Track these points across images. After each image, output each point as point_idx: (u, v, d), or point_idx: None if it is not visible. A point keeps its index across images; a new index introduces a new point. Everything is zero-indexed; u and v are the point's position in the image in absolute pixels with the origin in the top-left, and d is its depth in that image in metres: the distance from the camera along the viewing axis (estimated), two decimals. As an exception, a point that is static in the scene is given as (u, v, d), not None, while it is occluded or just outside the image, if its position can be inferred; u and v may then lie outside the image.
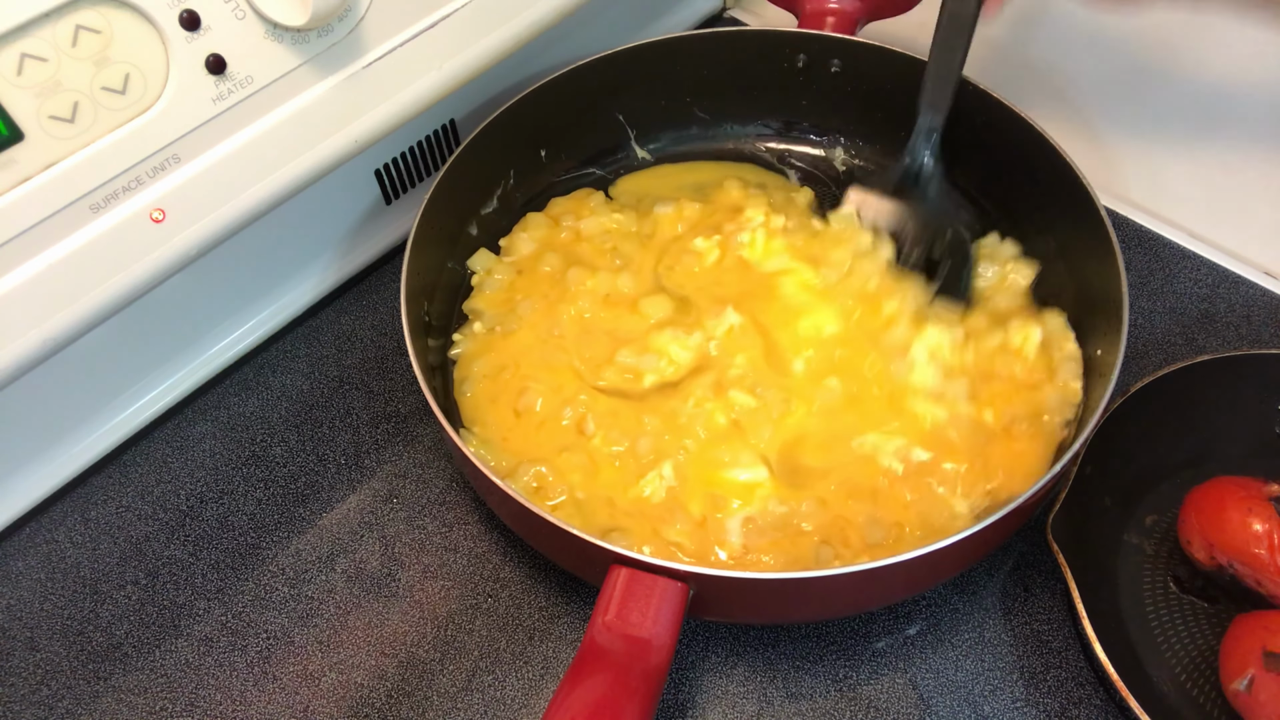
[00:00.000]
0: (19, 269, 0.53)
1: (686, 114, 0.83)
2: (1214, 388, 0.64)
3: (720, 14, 1.01)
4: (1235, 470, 0.61)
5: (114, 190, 0.54)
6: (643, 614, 0.51)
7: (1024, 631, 0.62)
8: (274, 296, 0.78)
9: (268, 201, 0.61)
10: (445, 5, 0.64)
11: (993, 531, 0.53)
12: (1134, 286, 0.74)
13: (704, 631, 0.63)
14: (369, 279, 0.82)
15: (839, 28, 0.79)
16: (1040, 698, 0.59)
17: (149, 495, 0.71)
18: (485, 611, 0.64)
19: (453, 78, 0.67)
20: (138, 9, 0.51)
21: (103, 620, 0.65)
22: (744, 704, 0.60)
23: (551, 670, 0.62)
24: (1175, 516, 0.62)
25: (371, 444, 0.72)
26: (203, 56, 0.54)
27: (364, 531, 0.68)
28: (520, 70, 0.78)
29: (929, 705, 0.59)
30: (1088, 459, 0.60)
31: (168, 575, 0.67)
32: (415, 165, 0.80)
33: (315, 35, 0.58)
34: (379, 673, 0.62)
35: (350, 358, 0.77)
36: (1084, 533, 0.61)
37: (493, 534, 0.68)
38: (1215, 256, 0.79)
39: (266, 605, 0.65)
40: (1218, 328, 0.74)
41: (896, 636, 0.62)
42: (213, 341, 0.75)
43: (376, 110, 0.64)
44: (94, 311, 0.56)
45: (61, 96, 0.50)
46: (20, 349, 0.55)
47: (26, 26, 0.48)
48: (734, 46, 0.80)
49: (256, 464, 0.72)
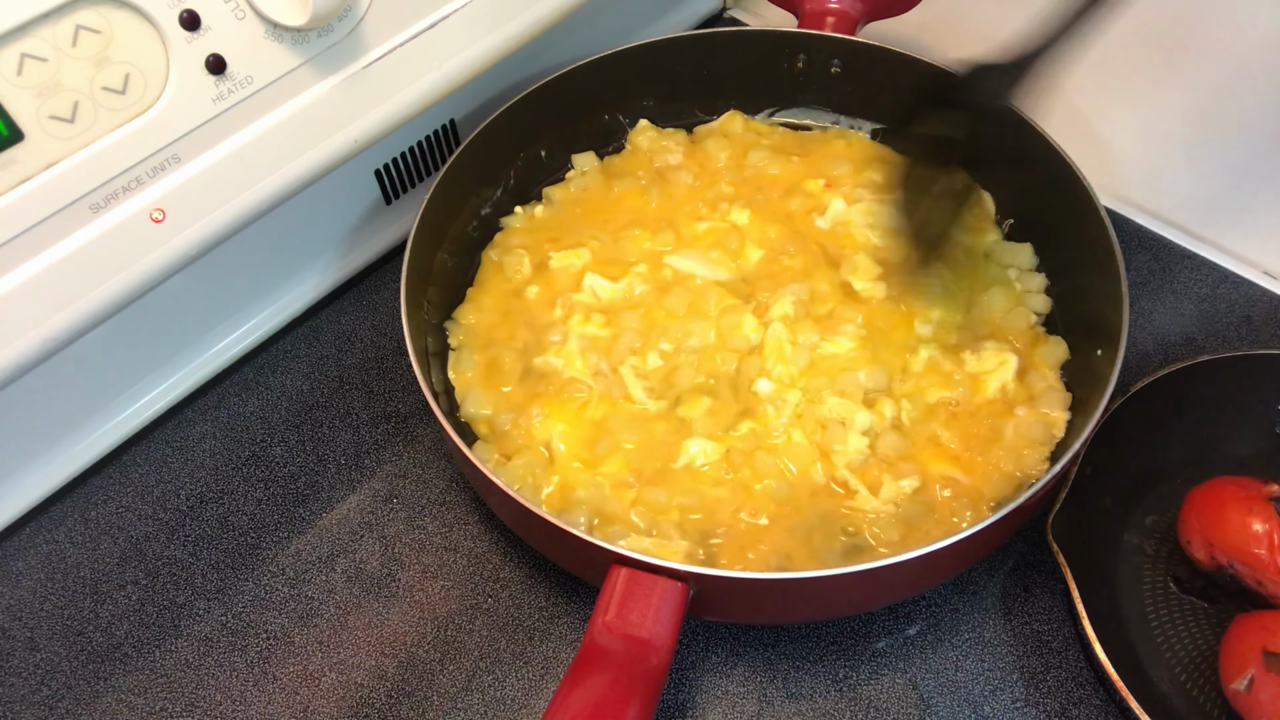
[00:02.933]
0: (19, 269, 0.53)
1: (687, 114, 0.83)
2: (1214, 388, 0.64)
3: (720, 14, 1.01)
4: (1235, 470, 0.61)
5: (114, 190, 0.54)
6: (643, 614, 0.51)
7: (1024, 631, 0.62)
8: (274, 296, 0.78)
9: (268, 201, 0.61)
10: (445, 5, 0.64)
11: (993, 531, 0.53)
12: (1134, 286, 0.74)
13: (704, 631, 0.63)
14: (369, 279, 0.82)
15: (839, 28, 0.79)
16: (1040, 698, 0.59)
17: (149, 495, 0.71)
18: (485, 611, 0.64)
19: (453, 78, 0.67)
20: (138, 9, 0.51)
21: (103, 620, 0.65)
22: (744, 704, 0.60)
23: (551, 670, 0.62)
24: (1175, 516, 0.62)
25: (371, 444, 0.72)
26: (203, 56, 0.54)
27: (364, 531, 0.68)
28: (520, 70, 0.78)
29: (929, 705, 0.59)
30: (1088, 459, 0.60)
31: (168, 575, 0.67)
32: (415, 165, 0.80)
33: (315, 35, 0.58)
34: (379, 673, 0.62)
35: (350, 358, 0.77)
36: (1084, 533, 0.61)
37: (493, 534, 0.68)
38: (1215, 256, 0.79)
39: (266, 605, 0.65)
40: (1218, 328, 0.74)
41: (896, 636, 0.62)
42: (213, 341, 0.75)
43: (376, 110, 0.64)
44: (94, 311, 0.56)
45: (61, 96, 0.50)
46: (20, 349, 0.55)
47: (26, 26, 0.48)
48: (734, 46, 0.80)
49: (256, 464, 0.72)
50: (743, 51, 0.80)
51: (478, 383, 0.67)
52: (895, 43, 0.76)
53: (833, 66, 0.80)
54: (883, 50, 0.76)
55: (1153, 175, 0.81)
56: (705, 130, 0.82)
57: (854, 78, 0.79)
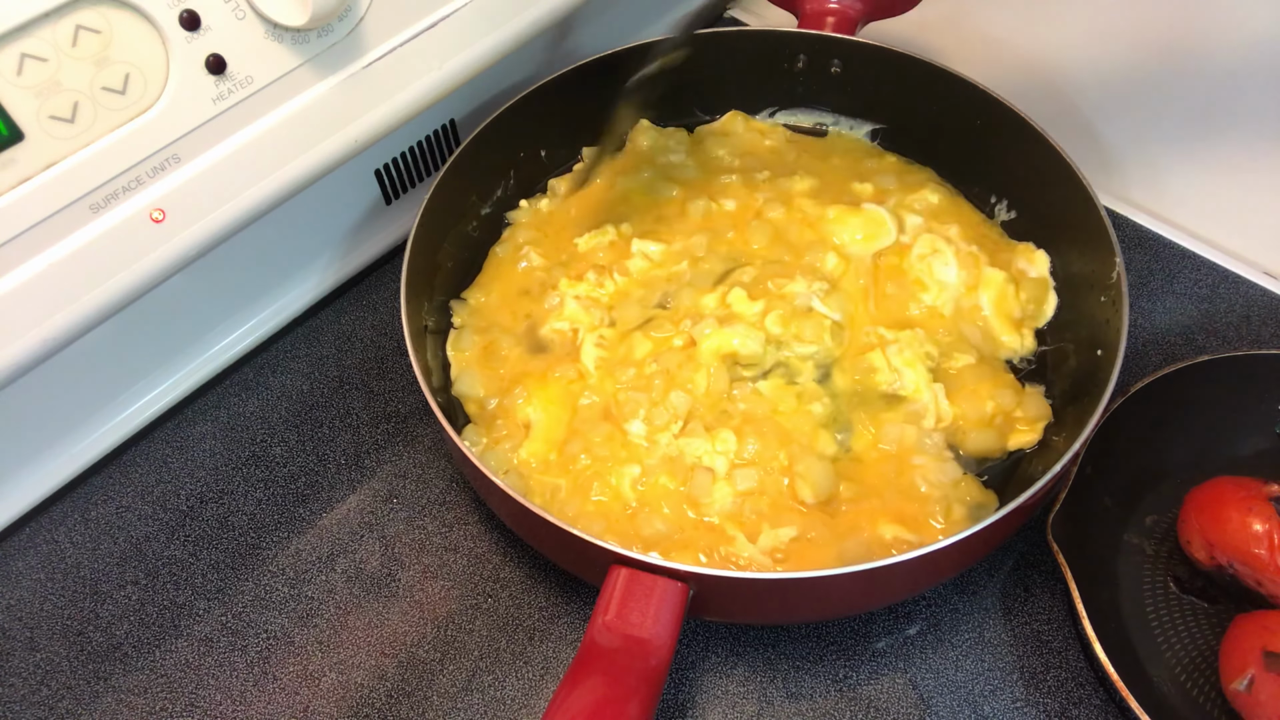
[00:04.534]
0: (19, 269, 0.53)
1: (687, 114, 0.83)
2: (1214, 388, 0.64)
3: (720, 14, 1.01)
4: (1235, 470, 0.61)
5: (114, 190, 0.54)
6: (643, 614, 0.51)
7: (1024, 631, 0.62)
8: (274, 296, 0.78)
9: (268, 201, 0.61)
10: (445, 5, 0.64)
11: (993, 531, 0.53)
12: (1134, 287, 0.74)
13: (704, 631, 0.63)
14: (369, 279, 0.82)
15: (839, 28, 0.79)
16: (1040, 698, 0.59)
17: (149, 495, 0.71)
18: (485, 611, 0.64)
19: (453, 78, 0.67)
20: (138, 9, 0.51)
21: (103, 620, 0.65)
22: (744, 704, 0.60)
23: (551, 670, 0.62)
24: (1175, 516, 0.62)
25: (371, 444, 0.72)
26: (203, 56, 0.54)
27: (364, 531, 0.68)
28: (520, 70, 0.78)
29: (929, 705, 0.59)
30: (1088, 459, 0.60)
31: (168, 575, 0.67)
32: (415, 165, 0.80)
33: (315, 35, 0.58)
34: (379, 673, 0.62)
35: (350, 358, 0.77)
36: (1084, 533, 0.60)
37: (493, 534, 0.68)
38: (1215, 256, 0.79)
39: (266, 605, 0.65)
40: (1218, 328, 0.74)
41: (896, 636, 0.62)
42: (213, 341, 0.75)
43: (376, 110, 0.64)
44: (94, 311, 0.56)
45: (61, 96, 0.50)
46: (20, 349, 0.55)
47: (26, 26, 0.48)
48: (734, 46, 0.80)
49: (256, 464, 0.72)
50: (743, 51, 0.80)
51: (474, 362, 0.69)
52: (895, 43, 0.76)
53: (833, 66, 0.80)
54: (883, 50, 0.76)
55: (1153, 175, 0.81)
56: (706, 130, 0.82)
57: (854, 78, 0.79)
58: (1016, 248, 0.72)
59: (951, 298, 0.69)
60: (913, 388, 0.65)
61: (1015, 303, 0.69)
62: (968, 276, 0.70)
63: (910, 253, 0.71)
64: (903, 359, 0.66)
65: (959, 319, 0.69)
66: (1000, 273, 0.70)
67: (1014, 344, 0.68)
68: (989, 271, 0.70)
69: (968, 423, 0.64)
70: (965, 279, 0.70)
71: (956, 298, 0.69)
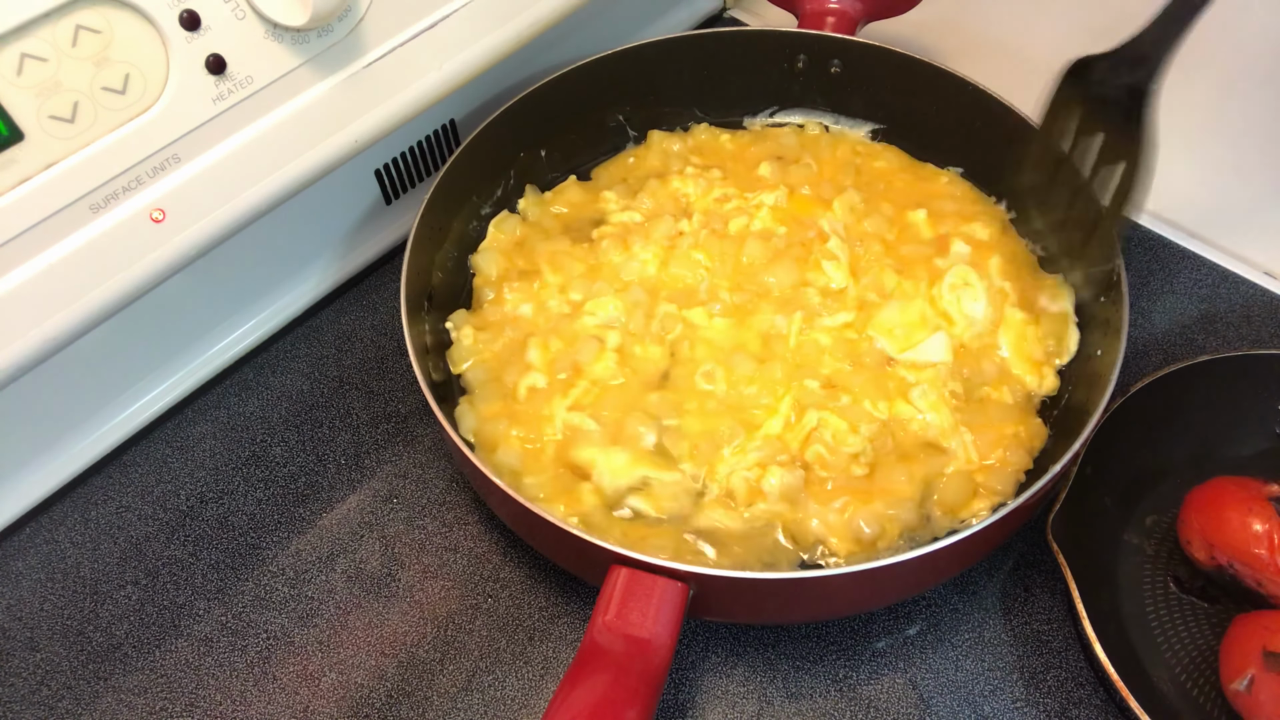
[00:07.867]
0: (19, 269, 0.53)
1: (687, 114, 0.83)
2: (1214, 388, 0.64)
3: (720, 14, 1.01)
4: (1235, 470, 0.61)
5: (114, 190, 0.54)
6: (643, 614, 0.51)
7: (1024, 631, 0.62)
8: (274, 296, 0.78)
9: (268, 201, 0.61)
10: (445, 5, 0.64)
11: (993, 531, 0.54)
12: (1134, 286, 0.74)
13: (704, 631, 0.63)
14: (369, 279, 0.82)
15: (839, 28, 0.79)
16: (1040, 698, 0.59)
17: (149, 495, 0.71)
18: (485, 611, 0.64)
19: (453, 78, 0.67)
20: (138, 9, 0.51)
21: (103, 620, 0.65)
22: (744, 704, 0.60)
23: (551, 670, 0.62)
24: (1175, 516, 0.62)
25: (371, 444, 0.72)
26: (203, 56, 0.54)
27: (364, 531, 0.68)
28: (520, 70, 0.78)
29: (929, 705, 0.59)
30: (1088, 459, 0.60)
31: (168, 575, 0.67)
32: (415, 165, 0.80)
33: (315, 35, 0.58)
34: (379, 673, 0.62)
35: (350, 358, 0.77)
36: (1084, 533, 0.60)
37: (493, 534, 0.68)
38: (1215, 256, 0.79)
39: (266, 605, 0.65)
40: (1218, 328, 0.74)
41: (896, 636, 0.62)
42: (213, 341, 0.75)
43: (376, 110, 0.64)
44: (94, 311, 0.56)
45: (61, 96, 0.50)
46: (20, 349, 0.55)
47: (26, 26, 0.48)
48: (734, 46, 0.80)
49: (256, 464, 0.72)
50: (743, 51, 0.80)
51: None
52: (895, 43, 0.76)
53: (833, 66, 0.80)
54: (883, 50, 0.76)
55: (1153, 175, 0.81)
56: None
57: (854, 78, 0.79)
58: (1044, 282, 0.70)
59: (976, 334, 0.67)
60: (937, 432, 0.63)
61: (1036, 344, 0.67)
62: (993, 314, 0.67)
63: (942, 281, 0.68)
64: (927, 401, 0.64)
65: (981, 356, 0.66)
66: (1020, 313, 0.68)
67: (1033, 384, 0.66)
68: (1009, 311, 0.68)
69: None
70: (991, 316, 0.67)
71: (980, 334, 0.67)
